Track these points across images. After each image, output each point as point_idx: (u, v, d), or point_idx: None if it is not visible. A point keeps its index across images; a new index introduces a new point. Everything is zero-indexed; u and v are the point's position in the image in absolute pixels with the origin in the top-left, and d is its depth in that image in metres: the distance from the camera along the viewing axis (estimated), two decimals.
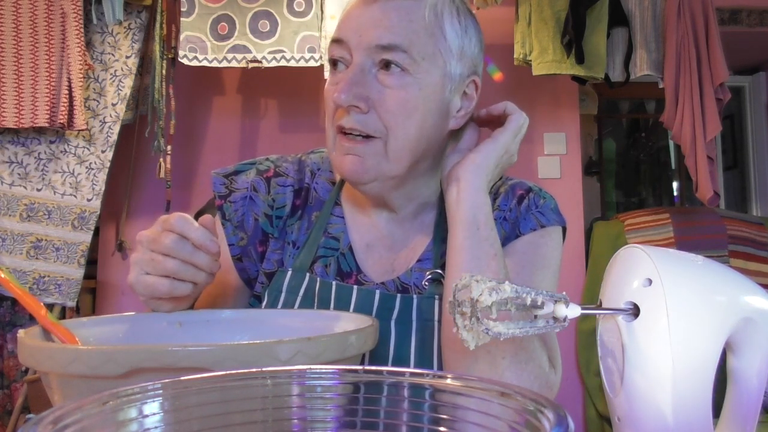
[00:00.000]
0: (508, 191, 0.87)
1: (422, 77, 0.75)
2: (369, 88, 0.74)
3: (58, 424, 0.31)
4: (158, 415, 0.37)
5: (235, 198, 0.85)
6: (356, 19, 0.76)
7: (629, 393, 0.50)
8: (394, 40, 0.73)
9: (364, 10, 0.76)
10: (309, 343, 0.53)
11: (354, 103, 0.74)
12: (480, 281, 0.47)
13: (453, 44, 0.77)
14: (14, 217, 2.30)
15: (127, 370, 0.48)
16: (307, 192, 0.87)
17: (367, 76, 0.75)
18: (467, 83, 0.81)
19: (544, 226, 0.85)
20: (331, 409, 0.41)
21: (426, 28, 0.75)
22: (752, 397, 0.52)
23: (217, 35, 2.37)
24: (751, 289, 0.52)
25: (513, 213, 0.84)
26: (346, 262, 0.83)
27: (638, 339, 0.49)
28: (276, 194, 0.85)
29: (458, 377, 0.38)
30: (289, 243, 0.85)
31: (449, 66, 0.77)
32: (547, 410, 0.31)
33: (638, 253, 0.52)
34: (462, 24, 0.78)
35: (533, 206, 0.86)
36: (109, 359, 0.48)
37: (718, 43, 2.46)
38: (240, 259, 0.85)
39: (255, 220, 0.84)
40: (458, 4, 0.80)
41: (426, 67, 0.75)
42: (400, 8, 0.75)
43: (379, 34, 0.74)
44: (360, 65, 0.74)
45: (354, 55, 0.75)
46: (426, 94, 0.75)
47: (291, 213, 0.85)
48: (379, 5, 0.75)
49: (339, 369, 0.42)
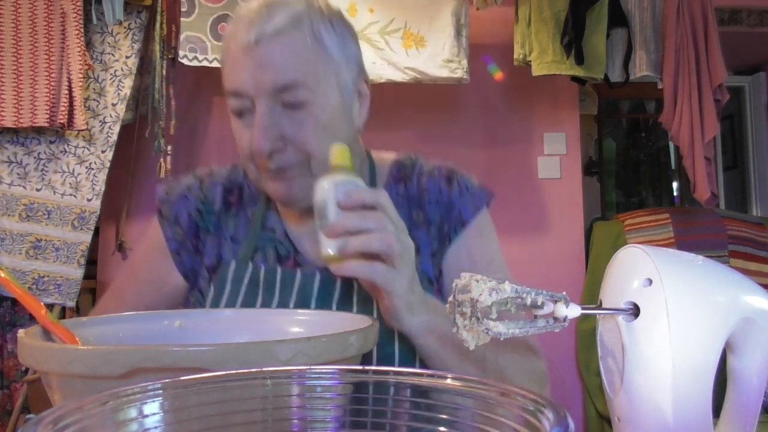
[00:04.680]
0: (432, 172, 0.90)
1: (323, 100, 0.79)
2: (281, 128, 0.78)
3: (58, 424, 0.31)
4: (158, 415, 0.37)
5: (171, 198, 0.93)
6: (245, 67, 0.78)
7: (629, 393, 0.50)
8: (290, 78, 0.77)
9: (249, 56, 0.77)
10: (309, 343, 0.53)
11: (273, 147, 0.78)
12: (480, 281, 0.47)
13: (338, 56, 0.81)
14: (14, 217, 2.30)
15: (127, 370, 0.48)
16: (240, 189, 0.93)
17: (275, 117, 0.78)
18: (359, 83, 0.86)
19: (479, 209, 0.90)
20: (331, 409, 0.41)
21: (312, 53, 0.78)
22: (752, 397, 0.52)
23: (217, 35, 2.36)
24: (751, 289, 0.52)
25: (445, 195, 0.88)
26: (283, 247, 0.88)
27: (638, 339, 0.49)
28: (207, 191, 0.93)
29: (458, 377, 0.38)
30: (226, 238, 0.90)
31: (341, 77, 0.82)
32: (547, 410, 0.31)
33: (638, 253, 0.52)
34: (339, 33, 0.82)
35: (464, 189, 0.89)
36: (109, 359, 0.48)
37: (717, 44, 2.46)
38: (179, 252, 0.91)
39: (189, 215, 0.92)
40: (329, 14, 0.83)
41: (324, 89, 0.79)
42: (282, 44, 0.77)
43: (273, 77, 0.77)
44: (265, 110, 0.77)
45: (256, 102, 0.78)
46: (331, 112, 0.80)
47: (225, 209, 0.92)
48: (262, 48, 0.77)
49: (339, 369, 0.42)
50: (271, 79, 0.77)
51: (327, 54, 0.80)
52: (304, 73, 0.78)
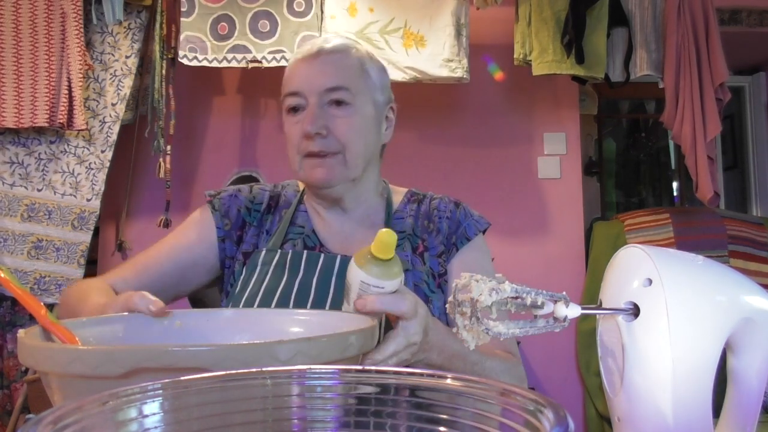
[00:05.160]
0: (443, 198, 1.13)
1: (360, 107, 1.03)
2: (326, 119, 1.00)
3: (58, 424, 0.31)
4: (158, 415, 0.37)
5: (222, 196, 1.12)
6: (304, 73, 1.03)
7: (629, 393, 0.50)
8: (337, 83, 1.01)
9: (308, 66, 1.03)
10: (309, 343, 0.53)
11: (318, 131, 0.99)
12: (480, 281, 0.47)
13: (376, 80, 1.06)
14: (15, 218, 2.30)
15: (127, 370, 0.48)
16: (279, 197, 1.14)
17: (322, 111, 1.01)
18: (387, 108, 1.09)
19: (482, 232, 1.11)
20: (331, 409, 0.41)
21: (356, 71, 1.04)
22: (752, 397, 0.52)
23: (217, 35, 2.37)
24: (751, 289, 0.52)
25: (453, 214, 1.10)
26: (310, 240, 1.07)
27: (638, 339, 0.49)
28: (256, 194, 1.13)
29: (458, 377, 0.38)
30: (264, 232, 1.09)
31: (375, 95, 1.06)
32: (547, 410, 0.31)
33: (638, 253, 0.52)
34: (377, 65, 1.09)
35: (468, 215, 1.11)
36: (109, 359, 0.48)
37: (718, 43, 2.45)
38: (223, 240, 1.08)
39: (238, 210, 1.10)
40: (371, 56, 1.10)
41: (362, 99, 1.03)
42: (335, 60, 1.03)
43: (325, 80, 1.01)
44: (316, 105, 1.01)
45: (309, 99, 1.01)
46: (365, 118, 1.03)
47: (267, 210, 1.11)
48: (320, 60, 1.02)
49: (339, 369, 0.42)
50: (323, 82, 1.01)
51: (367, 75, 1.05)
52: (348, 81, 1.02)
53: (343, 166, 1.01)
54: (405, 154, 2.69)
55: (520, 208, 2.82)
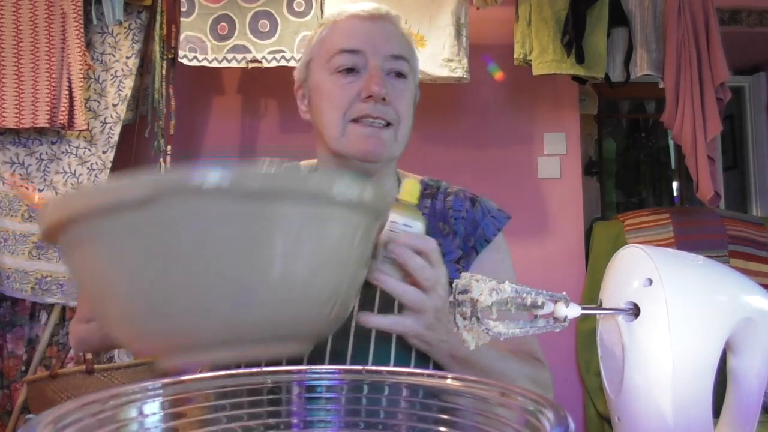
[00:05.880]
0: (458, 193, 1.05)
1: (410, 83, 0.98)
2: (388, 87, 0.93)
3: (58, 424, 0.32)
4: (158, 415, 0.37)
5: None
6: (366, 33, 0.94)
7: (629, 393, 0.50)
8: (402, 52, 0.95)
9: (370, 26, 0.95)
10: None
11: (384, 95, 0.91)
12: (480, 281, 0.47)
13: (416, 62, 1.01)
14: (16, 218, 2.30)
15: (150, 193, 0.43)
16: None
17: (386, 76, 0.93)
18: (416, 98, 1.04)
19: (500, 230, 1.03)
20: (331, 409, 0.41)
21: (411, 46, 0.99)
22: (752, 397, 0.52)
23: (217, 35, 2.37)
24: (751, 289, 0.52)
25: (470, 213, 1.02)
26: None
27: (638, 339, 0.49)
28: None
29: (458, 377, 0.38)
30: None
31: (416, 75, 1.02)
32: (547, 410, 0.31)
33: (638, 253, 0.52)
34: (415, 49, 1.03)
35: (486, 211, 1.03)
36: (132, 184, 0.44)
37: (719, 43, 2.45)
38: None
39: None
40: None
41: (412, 77, 0.99)
42: (395, 29, 0.97)
43: (391, 46, 0.94)
44: (380, 68, 0.92)
45: (371, 60, 0.92)
46: (411, 94, 0.99)
47: None
48: (382, 24, 0.96)
49: (339, 369, 0.42)
50: (390, 47, 0.94)
51: (414, 55, 1.00)
52: (408, 53, 0.97)
53: (394, 140, 0.95)
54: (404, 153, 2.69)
55: (520, 208, 2.81)
